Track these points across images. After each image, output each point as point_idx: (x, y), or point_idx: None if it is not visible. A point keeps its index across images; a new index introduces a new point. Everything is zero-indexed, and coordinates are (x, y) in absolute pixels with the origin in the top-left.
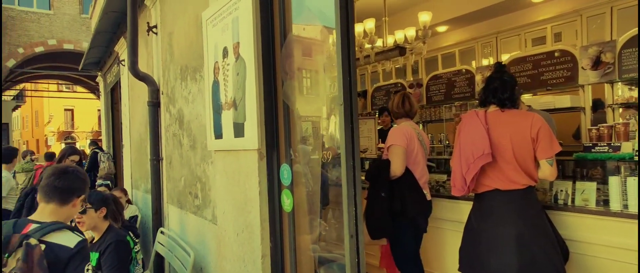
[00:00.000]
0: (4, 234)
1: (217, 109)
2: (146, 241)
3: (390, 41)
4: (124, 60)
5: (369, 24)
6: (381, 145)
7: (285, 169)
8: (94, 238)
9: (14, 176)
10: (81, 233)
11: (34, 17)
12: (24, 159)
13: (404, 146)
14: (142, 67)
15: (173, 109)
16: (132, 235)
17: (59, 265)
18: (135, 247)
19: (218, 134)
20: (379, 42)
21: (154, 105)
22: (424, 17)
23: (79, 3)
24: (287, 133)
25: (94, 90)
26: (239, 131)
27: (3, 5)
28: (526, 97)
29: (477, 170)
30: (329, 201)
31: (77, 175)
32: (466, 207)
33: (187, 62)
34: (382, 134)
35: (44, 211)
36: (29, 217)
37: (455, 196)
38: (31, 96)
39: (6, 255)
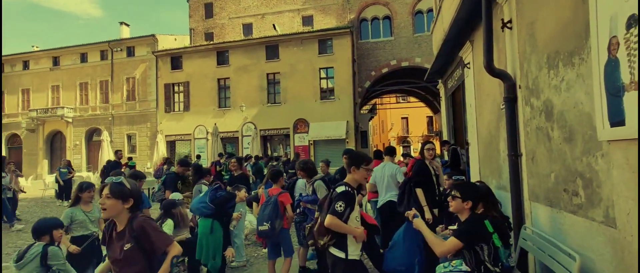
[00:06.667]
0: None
1: (615, 92)
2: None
3: None
4: (469, 63)
5: None
6: None
7: None
8: None
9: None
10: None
11: (381, 44)
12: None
13: None
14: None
15: (536, 102)
16: None
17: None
18: None
19: (615, 122)
20: None
21: (511, 100)
22: None
23: (412, 25)
24: None
25: (424, 99)
26: None
27: (363, 40)
28: None
29: None
30: None
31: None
32: None
33: (558, 48)
34: None
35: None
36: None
37: None
38: (379, 109)
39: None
